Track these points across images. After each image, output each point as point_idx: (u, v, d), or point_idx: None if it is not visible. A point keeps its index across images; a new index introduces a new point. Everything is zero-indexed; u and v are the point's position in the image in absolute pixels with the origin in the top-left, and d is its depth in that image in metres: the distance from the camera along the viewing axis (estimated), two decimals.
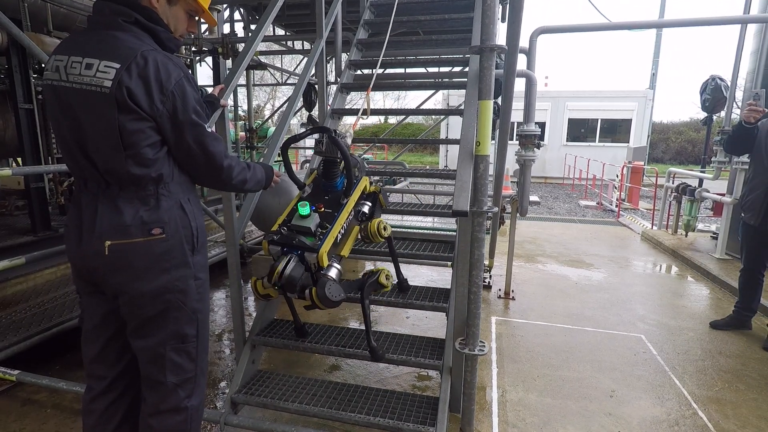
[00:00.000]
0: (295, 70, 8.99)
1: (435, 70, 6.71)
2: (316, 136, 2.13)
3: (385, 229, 2.14)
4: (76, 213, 1.47)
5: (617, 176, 11.01)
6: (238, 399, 2.25)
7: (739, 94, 6.07)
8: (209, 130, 1.48)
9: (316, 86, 3.86)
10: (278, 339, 2.41)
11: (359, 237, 2.16)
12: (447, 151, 16.78)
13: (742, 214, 3.53)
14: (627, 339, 3.54)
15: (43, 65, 3.88)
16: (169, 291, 1.48)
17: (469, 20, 3.82)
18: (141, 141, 1.38)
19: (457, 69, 5.83)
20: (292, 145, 2.81)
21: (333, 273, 1.87)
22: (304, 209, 1.87)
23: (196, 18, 1.66)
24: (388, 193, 2.21)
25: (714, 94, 6.31)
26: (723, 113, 6.10)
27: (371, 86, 2.72)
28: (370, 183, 2.21)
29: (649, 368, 3.09)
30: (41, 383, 2.53)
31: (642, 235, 7.36)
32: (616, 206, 9.86)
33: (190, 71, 1.51)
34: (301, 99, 6.28)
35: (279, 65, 9.10)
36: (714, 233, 6.63)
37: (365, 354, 2.27)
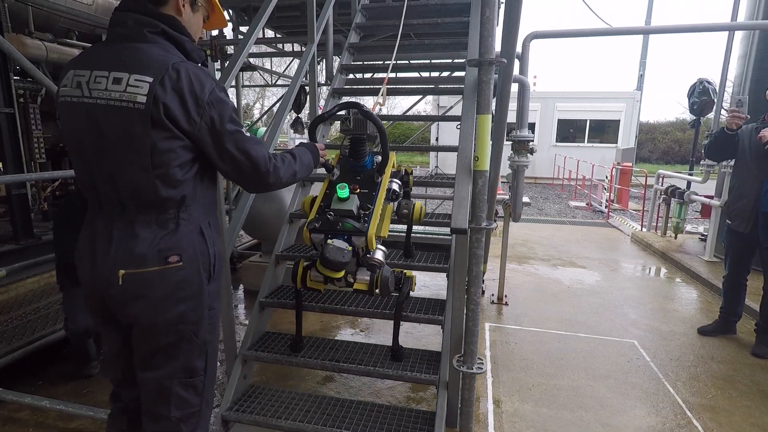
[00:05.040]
0: (284, 71, 8.89)
1: (427, 73, 6.69)
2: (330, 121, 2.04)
3: (423, 211, 2.14)
4: (90, 237, 1.39)
5: (606, 177, 11.09)
6: (229, 416, 2.19)
7: (728, 98, 6.13)
8: (247, 134, 1.42)
9: (307, 88, 3.81)
10: (270, 354, 2.35)
11: (395, 217, 2.10)
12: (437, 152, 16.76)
13: (728, 222, 3.54)
14: (620, 345, 3.55)
15: (18, 67, 3.76)
16: (182, 322, 1.40)
17: (462, 24, 3.79)
18: (172, 161, 1.32)
19: (450, 74, 5.81)
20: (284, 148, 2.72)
21: (379, 255, 1.83)
22: (344, 192, 1.78)
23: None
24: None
25: (702, 98, 6.38)
26: (711, 116, 6.17)
27: (387, 76, 2.62)
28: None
29: (643, 375, 3.09)
30: (23, 401, 2.44)
31: (632, 236, 7.41)
32: (606, 207, 9.94)
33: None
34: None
35: (268, 66, 8.99)
36: (702, 235, 6.70)
37: (360, 368, 2.22)
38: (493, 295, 4.49)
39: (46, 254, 3.91)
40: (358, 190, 1.85)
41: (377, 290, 1.83)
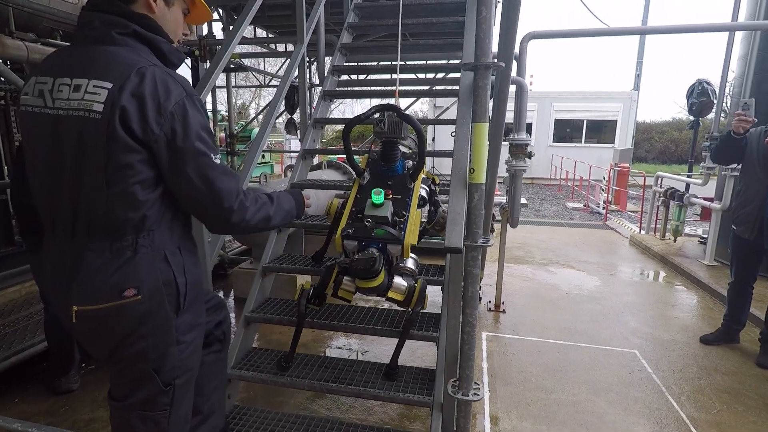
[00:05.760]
0: (277, 72, 8.74)
1: (422, 74, 6.57)
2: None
3: None
4: (47, 266, 1.28)
5: (604, 178, 11.00)
6: None
7: (728, 99, 6.03)
8: (217, 161, 1.25)
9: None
10: (256, 373, 2.22)
11: (427, 228, 2.05)
12: (434, 149, 16.65)
13: (734, 227, 3.44)
14: (621, 355, 3.44)
15: None
16: (142, 360, 1.27)
17: (457, 23, 3.68)
18: (129, 177, 1.16)
19: (444, 75, 5.69)
20: (280, 148, 2.61)
21: (411, 263, 1.78)
22: (379, 198, 1.70)
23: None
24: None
25: (701, 98, 6.29)
26: (711, 116, 6.08)
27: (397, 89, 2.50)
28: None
29: (646, 389, 2.98)
30: None
31: (630, 239, 7.32)
32: (604, 209, 9.85)
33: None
34: (284, 102, 6.10)
35: (262, 67, 8.85)
36: (702, 237, 6.61)
37: (349, 389, 2.10)
38: (490, 302, 4.38)
39: (27, 263, 3.76)
40: (391, 196, 1.78)
41: (419, 300, 1.79)
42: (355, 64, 4.21)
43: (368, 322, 2.33)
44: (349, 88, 3.95)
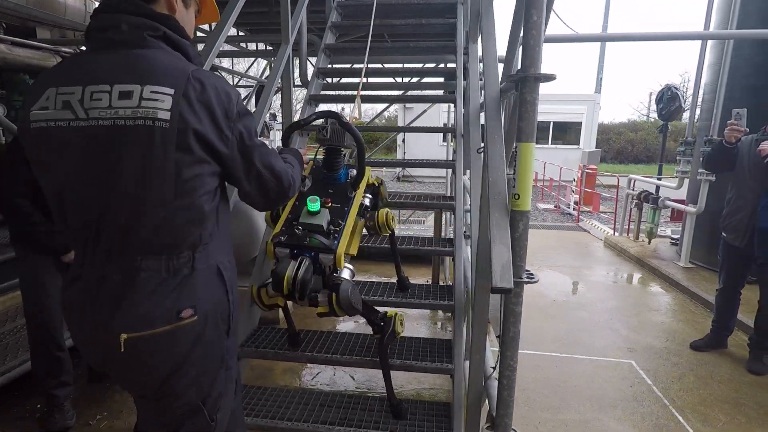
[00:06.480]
0: (247, 71, 8.31)
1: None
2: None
3: (393, 219, 2.09)
4: (82, 290, 1.10)
5: (574, 180, 11.23)
6: None
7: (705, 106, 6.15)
8: (270, 146, 1.27)
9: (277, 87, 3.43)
10: (250, 418, 1.96)
11: (365, 231, 2.05)
12: (404, 152, 16.55)
13: (724, 234, 3.46)
14: (619, 367, 3.38)
15: None
16: (192, 389, 1.14)
17: (448, 25, 3.52)
18: (198, 189, 1.08)
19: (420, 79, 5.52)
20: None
21: (346, 274, 1.69)
22: (314, 205, 1.66)
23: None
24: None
25: (670, 104, 6.46)
26: (684, 120, 6.24)
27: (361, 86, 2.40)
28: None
29: (650, 403, 2.92)
30: None
31: (605, 241, 7.43)
32: (575, 210, 10.02)
33: None
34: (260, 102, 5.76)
35: (230, 65, 8.40)
36: (672, 238, 6.79)
37: None
38: None
39: (7, 277, 3.31)
40: (330, 204, 1.75)
41: (342, 310, 1.64)
42: (349, 66, 3.96)
43: (349, 352, 2.15)
44: (335, 92, 3.71)
